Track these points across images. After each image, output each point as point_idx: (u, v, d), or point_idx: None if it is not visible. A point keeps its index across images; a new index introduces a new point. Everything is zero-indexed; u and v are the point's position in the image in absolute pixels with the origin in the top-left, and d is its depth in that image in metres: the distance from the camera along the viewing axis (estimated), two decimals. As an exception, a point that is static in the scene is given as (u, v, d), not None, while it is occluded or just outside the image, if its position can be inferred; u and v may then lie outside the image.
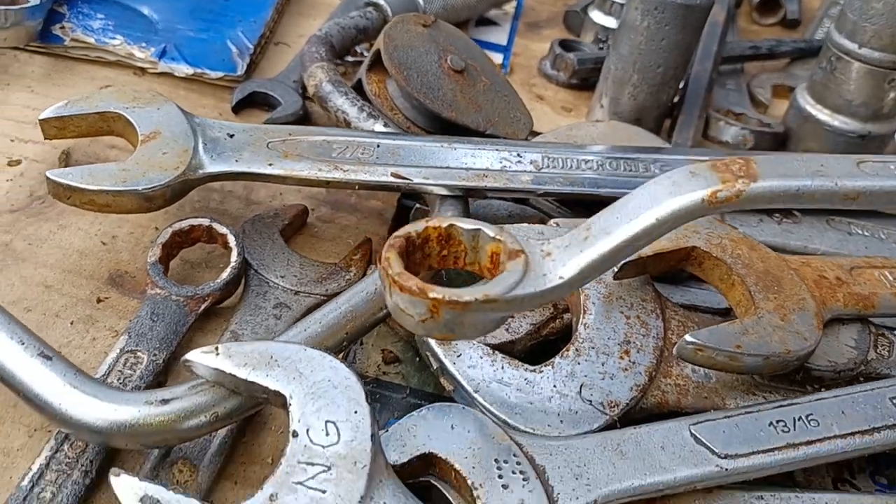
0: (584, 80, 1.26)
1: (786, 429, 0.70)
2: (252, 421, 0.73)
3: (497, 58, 1.32)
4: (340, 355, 0.83)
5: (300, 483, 0.58)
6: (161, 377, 0.74)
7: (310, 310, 0.82)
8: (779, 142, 1.17)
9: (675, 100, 1.18)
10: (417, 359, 0.85)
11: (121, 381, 0.71)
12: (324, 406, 0.61)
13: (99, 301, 0.81)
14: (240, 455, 0.71)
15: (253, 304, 0.81)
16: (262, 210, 0.93)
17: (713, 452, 0.68)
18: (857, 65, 1.06)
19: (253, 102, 1.11)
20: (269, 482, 0.57)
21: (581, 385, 0.75)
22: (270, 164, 0.85)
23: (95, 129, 0.86)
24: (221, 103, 1.09)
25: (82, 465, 0.65)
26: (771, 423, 0.70)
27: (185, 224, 0.83)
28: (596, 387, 0.75)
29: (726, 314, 0.87)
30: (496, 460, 0.66)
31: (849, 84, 1.08)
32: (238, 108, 1.09)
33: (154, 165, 0.80)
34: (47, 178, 0.78)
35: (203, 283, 0.81)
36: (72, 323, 0.78)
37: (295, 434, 0.60)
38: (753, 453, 0.68)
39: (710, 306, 0.87)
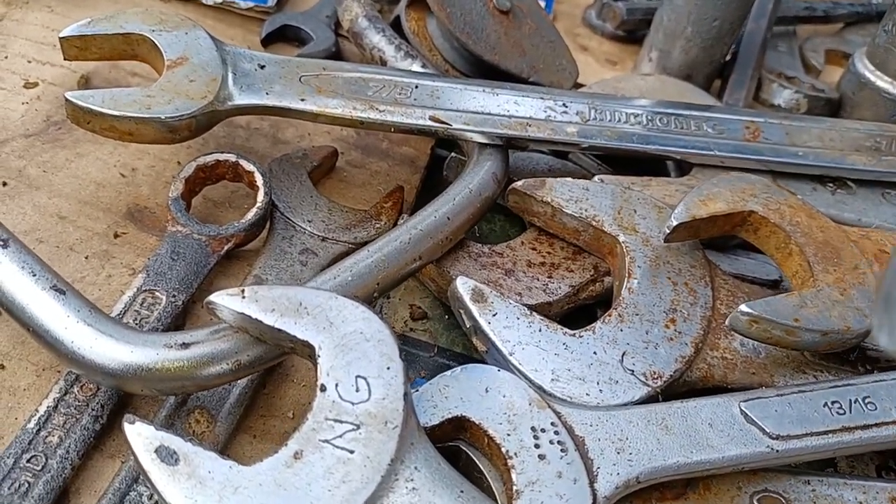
0: (631, 33, 1.20)
1: (841, 411, 0.66)
2: (273, 372, 0.69)
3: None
4: (367, 307, 0.79)
5: (327, 441, 0.54)
6: (179, 320, 0.70)
7: (337, 258, 0.77)
8: (833, 108, 1.11)
9: (727, 58, 1.12)
10: (447, 316, 0.81)
11: (137, 321, 0.67)
12: (354, 360, 0.57)
13: (116, 236, 0.76)
14: (259, 407, 0.67)
15: (278, 249, 0.76)
16: (289, 150, 0.88)
17: (764, 432, 0.64)
18: (926, 29, 1.00)
19: (283, 36, 1.05)
20: (293, 438, 0.54)
21: (623, 353, 0.70)
22: (303, 100, 0.80)
23: (119, 51, 0.81)
24: (250, 35, 1.04)
25: (93, 409, 0.61)
26: (825, 404, 0.66)
27: (210, 159, 0.78)
28: (639, 356, 0.70)
29: (775, 286, 0.82)
30: (533, 429, 0.62)
31: (914, 49, 1.02)
32: (267, 42, 1.04)
33: (180, 93, 0.75)
34: (66, 101, 0.73)
35: (227, 222, 0.76)
36: (86, 258, 0.74)
37: (323, 388, 0.55)
38: (806, 435, 0.64)
39: (758, 276, 0.82)
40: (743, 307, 0.67)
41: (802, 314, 0.68)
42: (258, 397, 0.68)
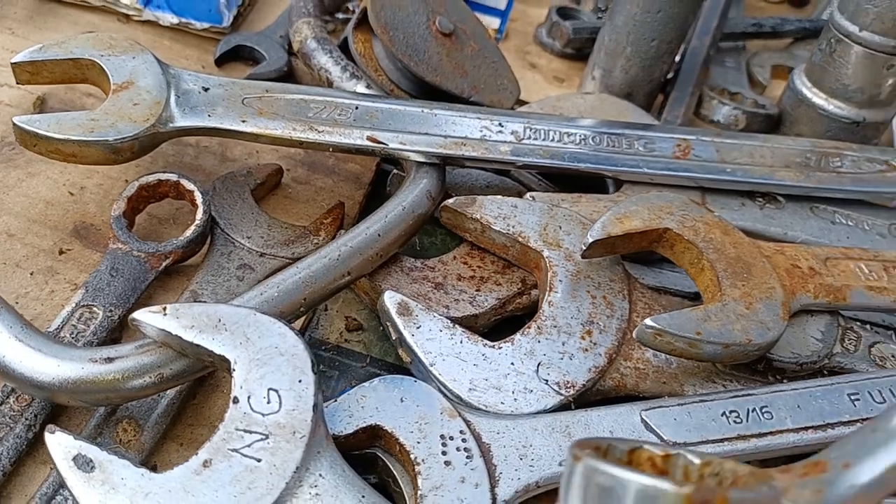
0: (579, 51, 1.24)
1: (738, 419, 0.70)
2: (204, 383, 0.73)
3: (494, 22, 1.29)
4: (304, 321, 0.83)
5: (235, 450, 0.57)
6: (116, 334, 0.74)
7: (274, 273, 0.81)
8: (772, 124, 1.14)
9: (670, 75, 1.15)
10: (381, 328, 0.85)
11: (73, 336, 0.71)
12: (268, 373, 0.61)
13: (61, 252, 0.80)
14: (188, 417, 0.71)
15: (216, 264, 0.80)
16: (236, 167, 0.92)
17: (661, 440, 0.67)
18: (857, 48, 1.03)
19: (238, 56, 1.09)
20: (204, 448, 0.57)
21: (539, 364, 0.74)
22: (244, 121, 0.83)
23: (70, 76, 0.85)
24: (205, 55, 1.08)
25: (26, 419, 0.65)
26: (724, 413, 0.70)
27: (152, 178, 0.82)
28: (554, 366, 0.74)
29: (697, 298, 0.86)
30: (442, 437, 0.65)
31: (847, 68, 1.05)
32: (221, 62, 1.08)
33: (123, 116, 0.79)
34: (13, 125, 0.77)
35: (168, 239, 0.80)
36: (31, 274, 0.78)
37: (235, 400, 0.59)
38: (702, 443, 0.68)
39: (680, 289, 0.86)
40: (647, 321, 0.71)
41: (705, 327, 0.72)
42: (187, 407, 0.71)
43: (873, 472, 0.44)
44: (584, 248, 0.78)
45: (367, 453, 0.68)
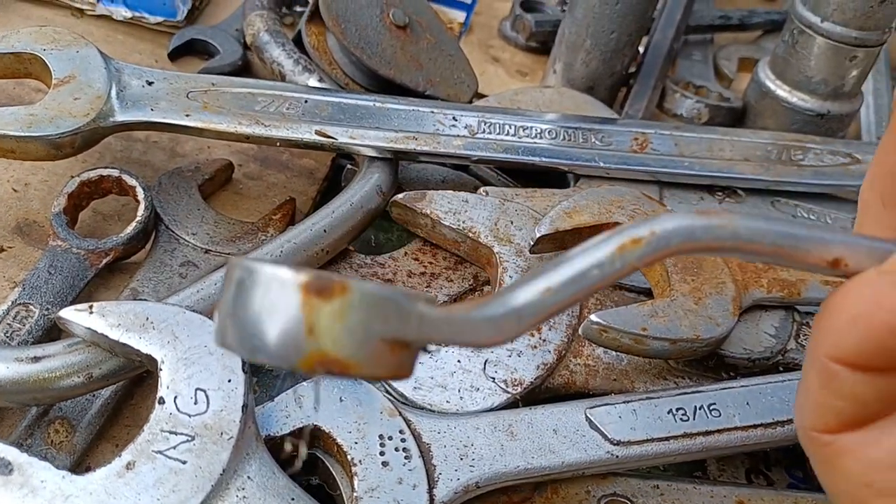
0: (543, 45, 1.22)
1: (685, 417, 0.68)
2: (142, 383, 0.71)
3: (459, 16, 1.28)
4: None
5: (160, 452, 0.56)
6: (54, 333, 0.72)
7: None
8: (735, 117, 1.13)
9: (633, 69, 1.14)
10: (330, 324, 0.83)
11: (8, 335, 0.69)
12: (196, 373, 0.59)
13: (1, 250, 0.79)
14: (125, 417, 0.69)
15: (159, 261, 0.79)
16: (186, 163, 0.90)
17: (606, 438, 0.66)
18: (819, 39, 1.02)
19: (192, 50, 1.07)
20: (127, 449, 0.56)
21: (486, 361, 0.73)
22: (188, 115, 0.82)
23: (12, 70, 0.83)
24: (159, 49, 1.06)
25: (-48, 421, 0.64)
26: (670, 411, 0.69)
27: (93, 174, 0.80)
28: (501, 363, 0.73)
29: (653, 294, 0.85)
30: (380, 437, 0.64)
31: (810, 59, 1.04)
32: (175, 56, 1.06)
33: (63, 111, 0.77)
34: (-52, 120, 0.75)
35: (111, 236, 0.78)
36: (-31, 272, 0.76)
37: (161, 401, 0.58)
38: (647, 441, 0.66)
39: (635, 285, 0.84)
40: (592, 316, 0.70)
41: (651, 323, 0.70)
42: (124, 408, 0.70)
43: (532, 292, 0.41)
44: (532, 243, 0.77)
45: (309, 454, 0.67)
